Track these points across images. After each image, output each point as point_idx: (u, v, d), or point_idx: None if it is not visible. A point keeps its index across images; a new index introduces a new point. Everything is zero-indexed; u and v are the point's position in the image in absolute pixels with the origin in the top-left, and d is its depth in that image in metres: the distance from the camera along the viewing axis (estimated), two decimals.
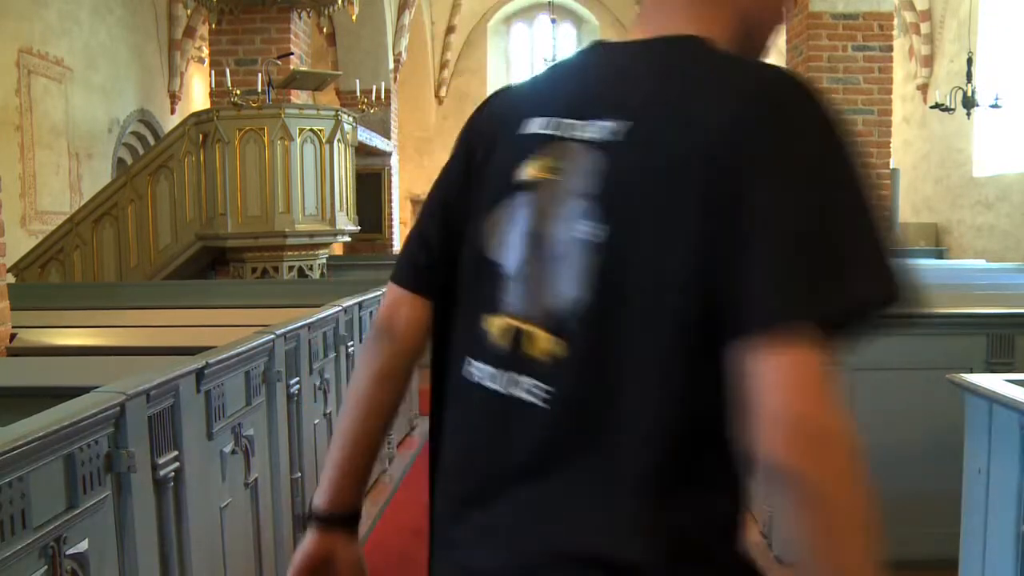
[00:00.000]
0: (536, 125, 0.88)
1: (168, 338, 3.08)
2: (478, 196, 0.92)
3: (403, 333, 0.99)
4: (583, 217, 0.81)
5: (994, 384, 1.90)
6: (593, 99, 0.85)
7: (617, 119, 0.81)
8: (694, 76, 0.80)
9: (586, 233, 0.80)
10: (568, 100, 0.87)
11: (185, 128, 5.95)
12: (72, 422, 1.42)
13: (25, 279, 6.04)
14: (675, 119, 0.77)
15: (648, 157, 0.77)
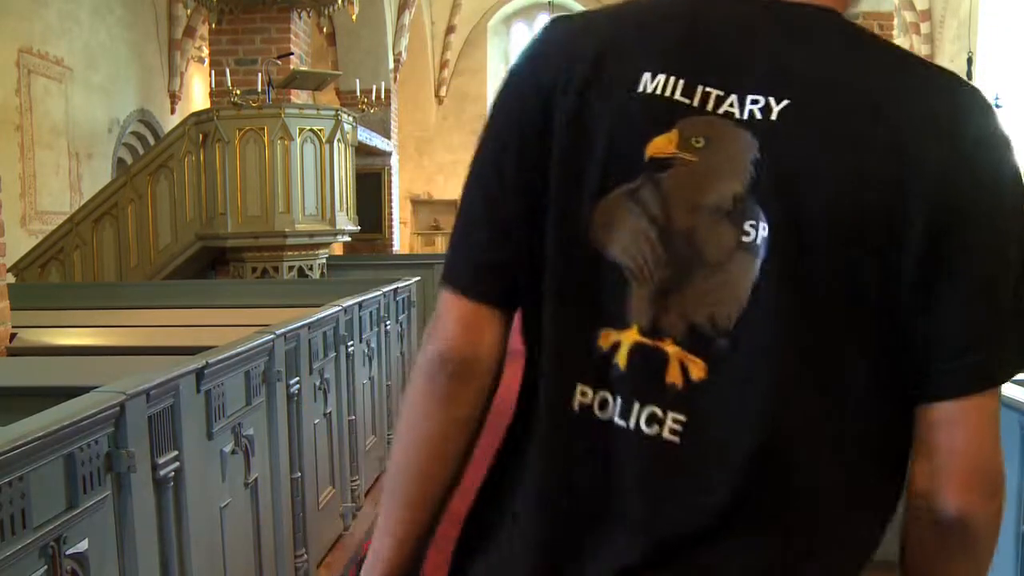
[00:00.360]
0: (660, 84, 0.68)
1: (168, 338, 3.08)
2: (577, 167, 0.70)
3: (490, 365, 0.75)
4: (745, 215, 0.66)
5: None
6: (735, 63, 0.68)
7: (770, 94, 0.66)
8: (867, 62, 0.67)
9: (752, 236, 0.66)
10: (700, 58, 0.69)
11: (185, 128, 5.95)
12: (72, 422, 1.41)
13: (25, 279, 6.04)
14: (856, 111, 0.65)
15: (818, 150, 0.64)
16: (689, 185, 0.67)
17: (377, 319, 4.15)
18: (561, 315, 0.71)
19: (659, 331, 0.67)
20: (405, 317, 4.91)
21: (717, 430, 0.66)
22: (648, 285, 0.68)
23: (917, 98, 0.66)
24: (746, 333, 0.65)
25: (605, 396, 0.69)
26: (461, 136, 17.37)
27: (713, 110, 0.67)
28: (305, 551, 2.82)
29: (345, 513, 3.43)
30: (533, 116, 0.72)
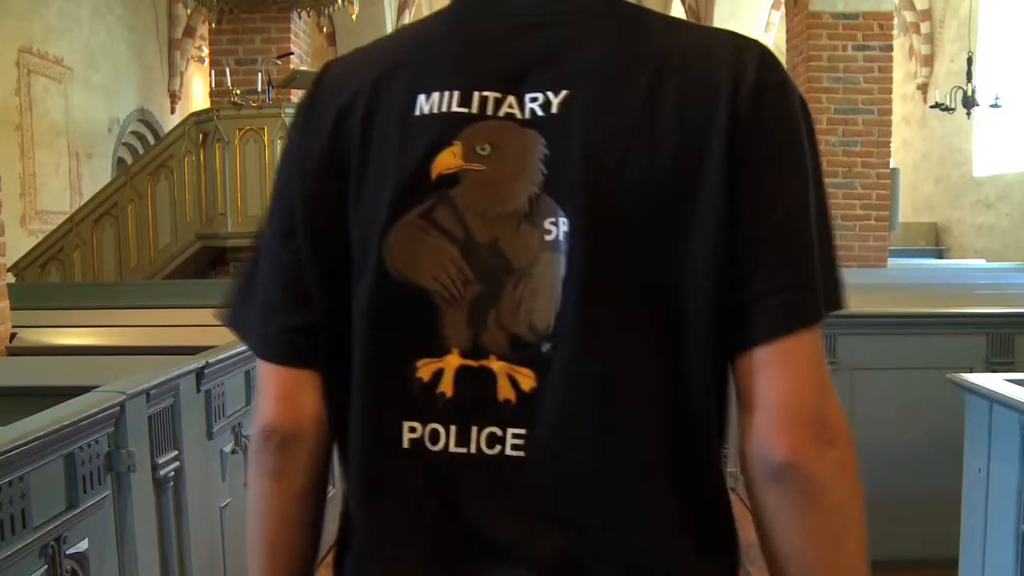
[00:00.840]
0: (435, 102, 0.67)
1: (168, 338, 3.08)
2: (368, 205, 0.67)
3: (314, 431, 0.72)
4: (542, 214, 0.65)
5: (994, 384, 1.89)
6: (507, 66, 0.67)
7: (548, 89, 0.65)
8: (645, 37, 0.67)
9: (546, 232, 0.64)
10: (476, 63, 0.68)
11: (185, 128, 5.95)
12: (72, 422, 1.42)
13: (25, 279, 6.04)
14: (640, 88, 0.64)
15: (607, 132, 0.64)
16: (483, 195, 0.66)
17: None
18: (371, 354, 0.68)
19: (481, 350, 0.66)
20: None
21: (558, 434, 0.65)
22: (461, 306, 0.66)
23: (696, 56, 0.66)
24: (564, 331, 0.64)
25: (435, 428, 0.67)
26: None
27: (494, 114, 0.66)
28: None
29: None
30: (316, 172, 0.70)
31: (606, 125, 0.64)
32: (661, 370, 0.65)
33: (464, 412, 0.66)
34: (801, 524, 0.65)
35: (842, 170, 5.95)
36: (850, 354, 2.96)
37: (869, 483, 1.18)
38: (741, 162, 0.63)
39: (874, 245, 6.06)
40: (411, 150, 0.67)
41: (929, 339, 2.98)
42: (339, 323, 0.69)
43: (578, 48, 0.67)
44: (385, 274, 0.67)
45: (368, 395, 0.69)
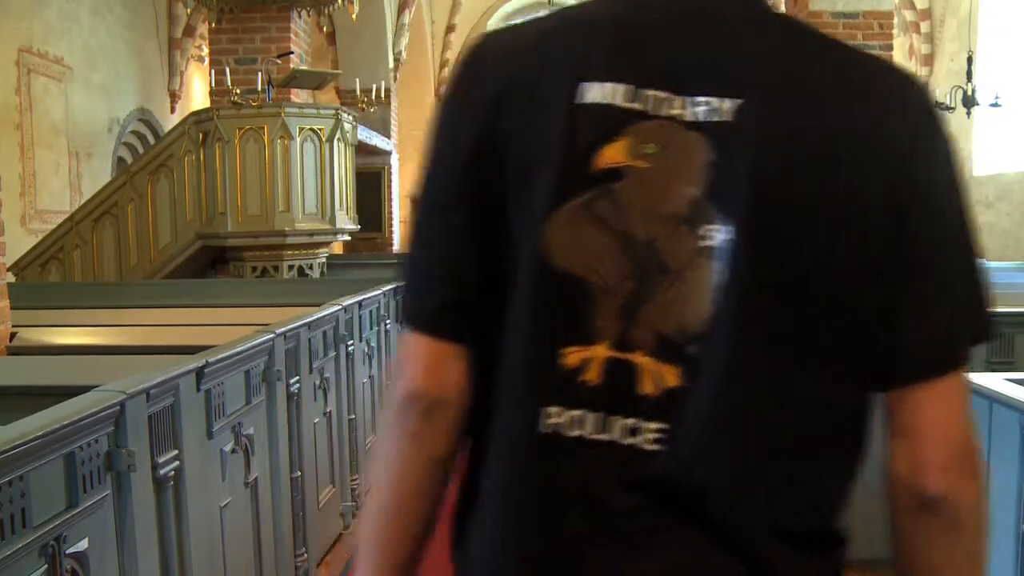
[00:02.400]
0: (603, 93, 0.66)
1: (168, 337, 3.08)
2: (529, 186, 0.68)
3: (458, 401, 0.73)
4: (703, 219, 0.65)
5: (994, 383, 1.90)
6: (684, 65, 0.67)
7: (718, 95, 0.66)
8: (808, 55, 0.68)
9: (712, 239, 0.65)
10: (642, 61, 0.68)
11: (185, 127, 5.95)
12: (72, 421, 1.41)
13: (25, 278, 6.04)
14: (807, 106, 0.65)
15: (775, 147, 0.64)
16: (645, 194, 0.66)
17: (377, 318, 4.15)
18: (523, 337, 0.69)
19: (628, 344, 0.67)
20: None
21: (697, 435, 0.66)
22: (615, 299, 0.67)
23: (861, 88, 0.67)
24: (714, 336, 0.65)
25: (577, 414, 0.68)
26: None
27: (659, 114, 0.66)
28: (305, 550, 2.82)
29: (345, 512, 3.43)
30: (475, 149, 0.70)
31: (777, 141, 0.65)
32: (808, 390, 0.67)
33: (605, 401, 0.67)
34: (947, 548, 0.68)
35: None
36: None
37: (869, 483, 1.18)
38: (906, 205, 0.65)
39: None
40: (576, 138, 0.67)
41: None
42: (490, 301, 0.70)
43: (741, 52, 0.67)
44: (544, 259, 0.67)
45: (513, 376, 0.70)
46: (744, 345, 0.65)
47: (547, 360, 0.68)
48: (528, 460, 0.69)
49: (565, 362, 0.68)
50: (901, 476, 0.68)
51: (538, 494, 0.69)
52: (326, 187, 5.93)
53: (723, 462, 0.66)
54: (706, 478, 0.66)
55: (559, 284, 0.67)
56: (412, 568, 0.78)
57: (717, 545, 0.66)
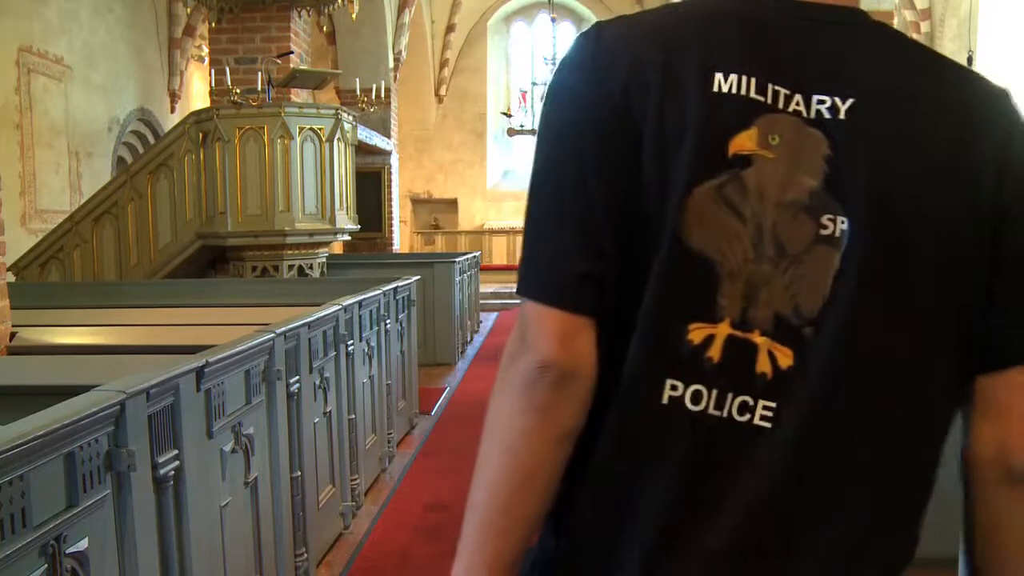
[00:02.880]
0: (734, 83, 0.70)
1: (168, 337, 3.08)
2: (662, 166, 0.70)
3: (590, 374, 0.73)
4: (824, 208, 0.70)
5: None
6: (796, 63, 0.72)
7: (835, 95, 0.70)
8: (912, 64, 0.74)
9: (832, 228, 0.69)
10: (769, 58, 0.72)
11: (185, 127, 5.95)
12: (72, 421, 1.41)
13: (25, 278, 6.04)
14: (916, 111, 0.70)
15: (890, 148, 0.69)
16: (770, 181, 0.70)
17: (377, 318, 4.15)
18: (651, 311, 0.71)
19: (748, 323, 0.70)
20: (405, 316, 4.91)
21: (806, 415, 0.69)
22: (739, 280, 0.70)
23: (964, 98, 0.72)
24: (829, 321, 0.69)
25: (698, 389, 0.71)
26: (461, 135, 17.34)
27: (784, 108, 0.70)
28: (305, 550, 2.82)
29: (345, 512, 3.43)
30: (609, 125, 0.72)
31: (892, 140, 0.69)
32: (917, 377, 0.71)
33: (725, 378, 0.70)
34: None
35: None
36: None
37: None
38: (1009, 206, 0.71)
39: None
40: (711, 123, 0.70)
41: None
42: (624, 276, 0.72)
43: (858, 56, 0.72)
44: (679, 238, 0.70)
45: (639, 349, 0.72)
46: (856, 333, 0.69)
47: (674, 335, 0.71)
48: (644, 431, 0.72)
49: (691, 338, 0.71)
50: (991, 453, 0.73)
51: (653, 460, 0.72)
52: (326, 187, 5.93)
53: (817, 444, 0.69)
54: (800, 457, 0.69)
55: (690, 262, 0.70)
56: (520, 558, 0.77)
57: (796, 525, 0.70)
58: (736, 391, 0.70)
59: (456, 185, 17.18)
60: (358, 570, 3.04)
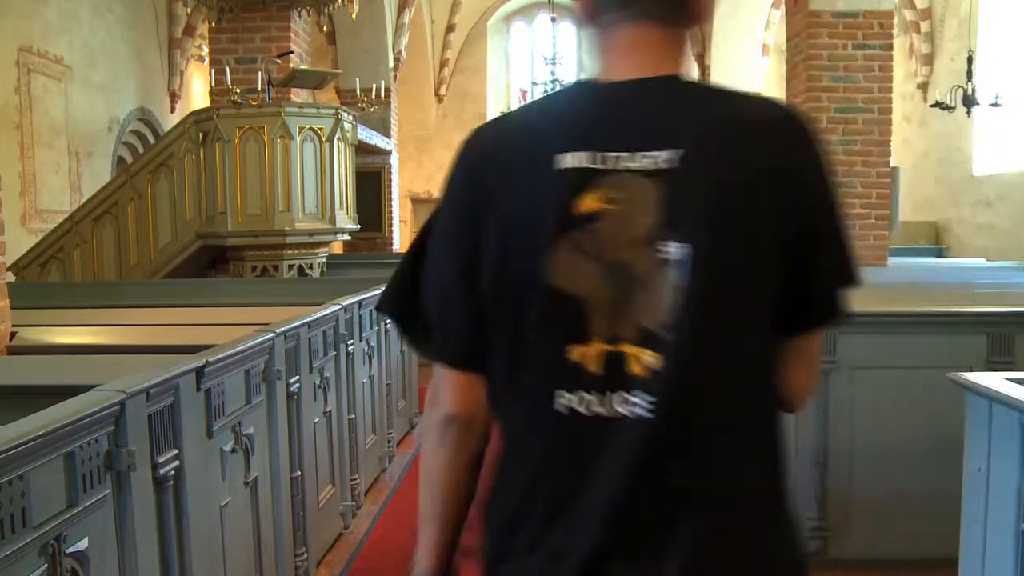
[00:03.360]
0: (574, 159, 0.90)
1: (168, 337, 3.08)
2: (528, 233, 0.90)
3: (484, 416, 1.00)
4: (660, 239, 0.88)
5: (994, 383, 1.89)
6: (631, 132, 0.91)
7: (666, 148, 0.89)
8: (722, 108, 0.93)
9: (668, 253, 0.87)
10: (601, 134, 0.91)
11: (185, 127, 5.95)
12: (72, 420, 1.42)
13: (25, 278, 6.04)
14: (728, 146, 0.90)
15: (703, 178, 0.88)
16: (617, 228, 0.89)
17: (377, 318, 4.15)
18: (536, 342, 0.91)
19: (616, 338, 0.88)
20: None
21: (674, 401, 0.87)
22: (603, 308, 0.89)
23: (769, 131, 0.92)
24: (680, 324, 0.87)
25: (583, 395, 0.89)
26: (461, 135, 16.99)
27: (620, 169, 0.89)
28: (305, 550, 2.82)
29: (345, 512, 3.43)
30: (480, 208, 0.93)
31: (704, 179, 0.88)
32: (745, 352, 0.91)
33: (605, 383, 0.89)
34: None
35: (842, 169, 5.94)
36: (850, 353, 2.96)
37: (869, 482, 1.19)
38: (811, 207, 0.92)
39: (874, 244, 6.06)
40: (563, 193, 0.89)
41: (929, 338, 2.98)
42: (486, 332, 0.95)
43: (672, 121, 0.91)
44: (549, 283, 0.89)
45: (531, 374, 0.92)
46: (699, 329, 0.87)
47: (558, 357, 0.90)
48: (544, 437, 0.92)
49: (572, 357, 0.89)
50: (796, 385, 0.99)
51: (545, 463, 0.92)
52: (326, 187, 5.93)
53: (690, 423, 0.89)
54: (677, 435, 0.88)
55: (561, 300, 0.89)
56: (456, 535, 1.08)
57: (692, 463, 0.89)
58: (617, 391, 0.88)
59: None
60: (358, 570, 3.04)
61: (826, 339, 2.95)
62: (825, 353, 2.95)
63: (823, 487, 2.98)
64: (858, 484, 2.98)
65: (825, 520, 2.99)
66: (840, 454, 2.98)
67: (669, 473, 0.88)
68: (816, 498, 2.98)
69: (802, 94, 6.04)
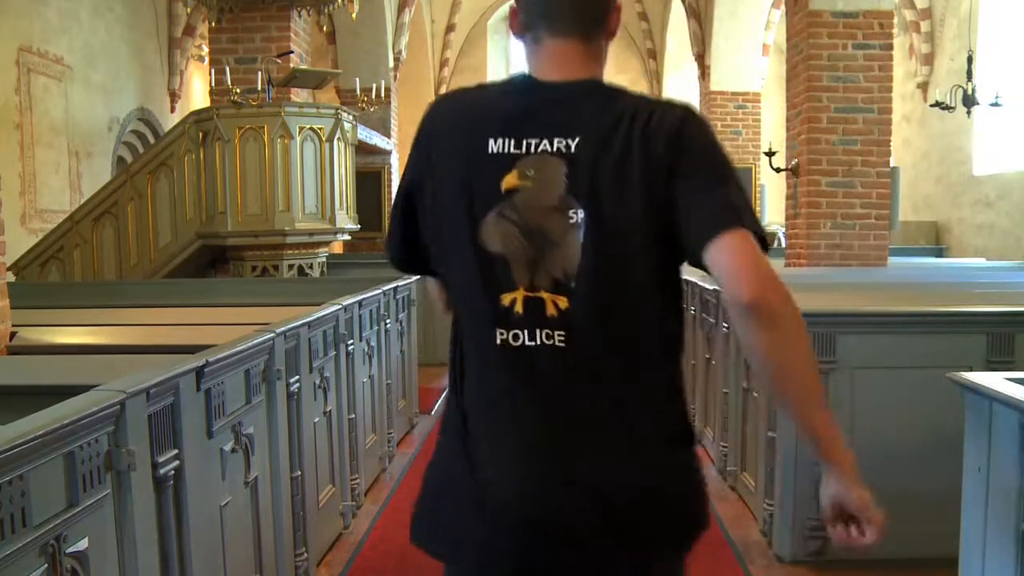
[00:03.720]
0: (500, 145, 1.17)
1: (168, 336, 3.08)
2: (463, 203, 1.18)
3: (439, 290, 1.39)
4: (564, 206, 1.15)
5: (994, 382, 1.89)
6: (545, 122, 1.18)
7: (569, 136, 1.16)
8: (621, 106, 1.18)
9: (571, 215, 1.15)
10: (523, 122, 1.18)
11: (185, 126, 5.95)
12: (72, 420, 1.41)
13: (25, 277, 6.04)
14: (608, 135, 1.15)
15: (600, 159, 1.14)
16: (532, 198, 1.16)
17: (377, 317, 4.15)
18: (474, 291, 1.20)
19: (535, 287, 1.17)
20: (405, 316, 4.91)
21: (582, 332, 1.16)
22: (522, 263, 1.17)
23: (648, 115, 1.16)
24: (583, 274, 1.15)
25: (516, 332, 1.18)
26: None
27: (535, 151, 1.16)
28: (305, 550, 2.82)
29: (345, 512, 3.43)
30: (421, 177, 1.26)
31: (601, 159, 1.15)
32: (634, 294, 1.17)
33: (530, 322, 1.17)
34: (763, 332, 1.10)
35: (842, 168, 5.94)
36: (850, 353, 2.96)
37: (869, 482, 1.17)
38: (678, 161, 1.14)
39: (874, 244, 6.05)
40: (490, 173, 1.17)
41: (929, 338, 2.98)
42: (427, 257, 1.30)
43: (580, 114, 1.18)
44: (479, 246, 1.18)
45: (473, 316, 1.22)
46: (600, 275, 1.15)
47: (492, 303, 1.19)
48: (490, 360, 1.21)
49: (502, 303, 1.18)
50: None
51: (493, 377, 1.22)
52: (326, 187, 5.93)
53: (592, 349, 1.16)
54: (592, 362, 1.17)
55: (491, 259, 1.17)
56: None
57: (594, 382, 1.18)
58: (539, 328, 1.17)
59: None
60: (358, 570, 3.04)
61: (826, 339, 2.95)
62: (825, 353, 2.95)
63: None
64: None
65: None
66: None
67: (575, 389, 1.17)
68: (816, 498, 2.98)
69: (802, 94, 6.03)
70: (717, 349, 4.19)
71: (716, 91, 10.39)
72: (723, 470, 4.05)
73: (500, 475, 1.18)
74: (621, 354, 1.17)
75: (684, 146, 1.14)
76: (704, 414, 4.65)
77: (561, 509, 1.15)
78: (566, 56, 1.21)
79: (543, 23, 1.21)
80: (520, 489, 1.16)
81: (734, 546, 3.19)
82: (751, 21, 10.09)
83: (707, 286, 4.33)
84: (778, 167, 6.64)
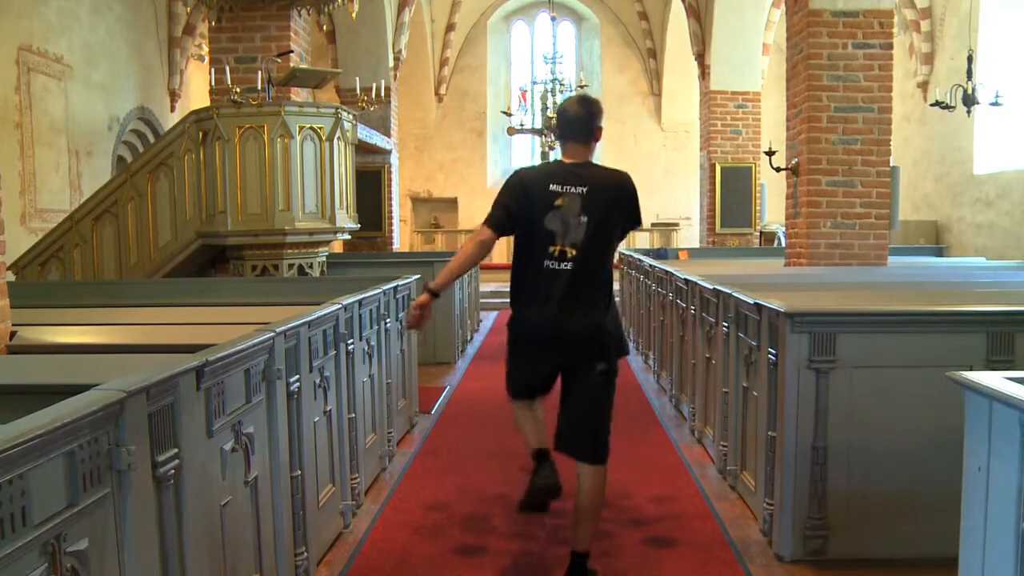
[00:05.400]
0: (553, 186, 2.83)
1: (168, 336, 3.08)
2: (533, 211, 2.83)
3: (490, 246, 2.96)
4: (580, 215, 2.82)
5: (994, 382, 1.89)
6: (571, 179, 2.84)
7: (582, 186, 2.83)
8: (602, 173, 2.90)
9: (582, 219, 2.81)
10: (561, 178, 2.84)
11: (185, 126, 5.95)
12: (72, 420, 1.41)
13: (25, 277, 6.04)
14: (603, 186, 2.85)
15: (597, 197, 2.83)
16: (567, 210, 2.82)
17: (377, 317, 4.15)
18: (539, 244, 2.83)
19: (565, 245, 2.81)
20: (405, 315, 4.91)
21: (582, 267, 2.81)
22: (560, 235, 2.82)
23: (613, 178, 2.92)
24: (584, 240, 2.81)
25: (554, 262, 2.81)
26: (461, 134, 17.35)
27: (568, 191, 2.83)
28: (305, 549, 2.82)
29: (345, 511, 3.44)
30: (521, 195, 2.88)
31: (596, 195, 2.84)
32: (602, 252, 2.87)
33: (560, 259, 2.81)
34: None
35: (842, 168, 5.94)
36: (850, 352, 2.96)
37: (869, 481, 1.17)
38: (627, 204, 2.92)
39: (874, 243, 6.05)
40: (549, 198, 2.83)
41: (929, 337, 2.98)
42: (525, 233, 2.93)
43: (586, 176, 2.87)
44: (544, 226, 2.82)
45: (538, 254, 2.83)
46: (590, 242, 2.81)
47: (546, 248, 2.82)
48: (541, 275, 2.83)
49: (552, 249, 2.82)
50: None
51: (543, 287, 2.83)
52: (326, 186, 5.93)
53: (587, 273, 2.83)
54: (581, 276, 2.82)
55: (549, 232, 2.83)
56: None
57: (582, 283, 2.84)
58: (563, 262, 2.80)
59: (456, 184, 17.18)
60: (358, 569, 3.04)
61: (826, 339, 2.95)
62: (825, 352, 2.95)
63: (823, 486, 2.98)
64: (857, 483, 2.98)
65: (825, 519, 2.99)
66: (839, 453, 2.98)
67: (577, 288, 2.78)
68: (816, 497, 2.99)
69: (802, 93, 6.04)
70: (717, 349, 4.20)
71: (716, 90, 10.40)
72: (723, 470, 4.05)
73: (543, 317, 2.80)
74: (593, 273, 2.82)
75: (627, 193, 2.89)
76: (704, 414, 4.65)
77: (567, 329, 2.78)
78: (577, 151, 2.92)
79: (568, 136, 2.92)
80: (551, 322, 2.79)
81: (734, 546, 3.19)
82: (751, 20, 10.09)
83: (707, 286, 4.33)
84: (778, 166, 6.64)
